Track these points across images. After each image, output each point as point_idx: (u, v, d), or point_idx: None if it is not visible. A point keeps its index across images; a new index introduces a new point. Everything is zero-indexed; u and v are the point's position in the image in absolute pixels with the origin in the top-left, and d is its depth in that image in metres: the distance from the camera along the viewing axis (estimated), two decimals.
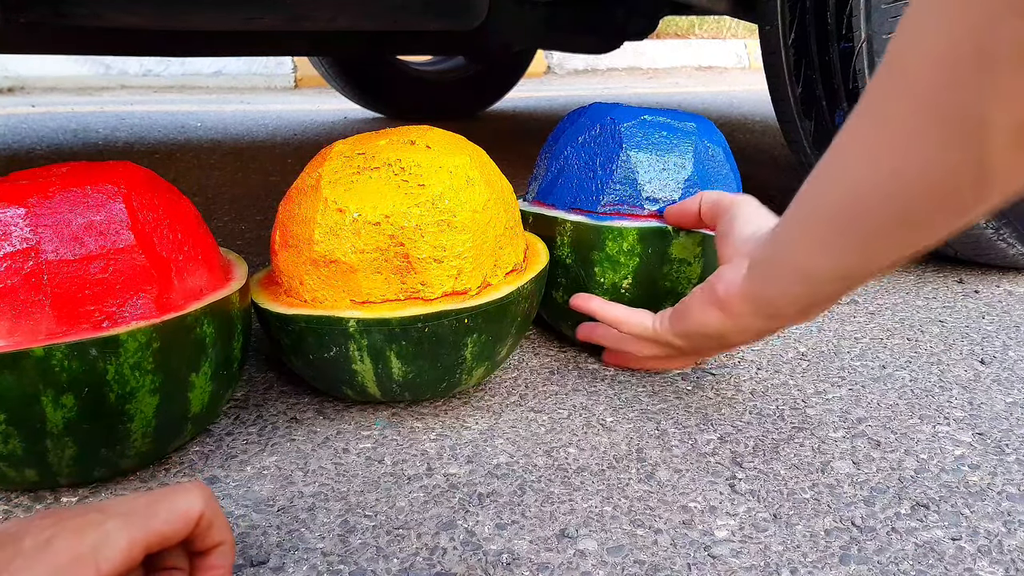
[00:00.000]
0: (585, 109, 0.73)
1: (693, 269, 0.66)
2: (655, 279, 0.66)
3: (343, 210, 0.54)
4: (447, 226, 0.54)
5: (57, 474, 0.48)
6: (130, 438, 0.49)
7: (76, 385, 0.45)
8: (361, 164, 0.56)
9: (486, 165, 0.60)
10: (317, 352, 0.56)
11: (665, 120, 0.68)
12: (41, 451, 0.46)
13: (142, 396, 0.47)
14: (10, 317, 0.44)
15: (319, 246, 0.54)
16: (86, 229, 0.46)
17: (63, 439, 0.46)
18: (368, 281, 0.54)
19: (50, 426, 0.45)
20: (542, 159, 0.75)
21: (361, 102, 2.30)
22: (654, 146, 0.67)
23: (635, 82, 3.85)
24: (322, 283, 0.55)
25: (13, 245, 0.44)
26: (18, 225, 0.45)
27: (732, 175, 0.70)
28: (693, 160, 0.67)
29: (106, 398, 0.46)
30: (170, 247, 0.50)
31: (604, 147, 0.68)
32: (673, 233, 0.65)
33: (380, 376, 0.56)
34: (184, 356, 0.49)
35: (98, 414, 0.46)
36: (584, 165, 0.68)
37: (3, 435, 0.45)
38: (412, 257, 0.54)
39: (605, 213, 0.67)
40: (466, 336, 0.56)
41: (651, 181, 0.66)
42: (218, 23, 1.04)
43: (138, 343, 0.46)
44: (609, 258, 0.66)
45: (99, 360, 0.45)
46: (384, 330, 0.54)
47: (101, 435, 0.47)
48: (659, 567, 0.44)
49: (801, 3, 0.93)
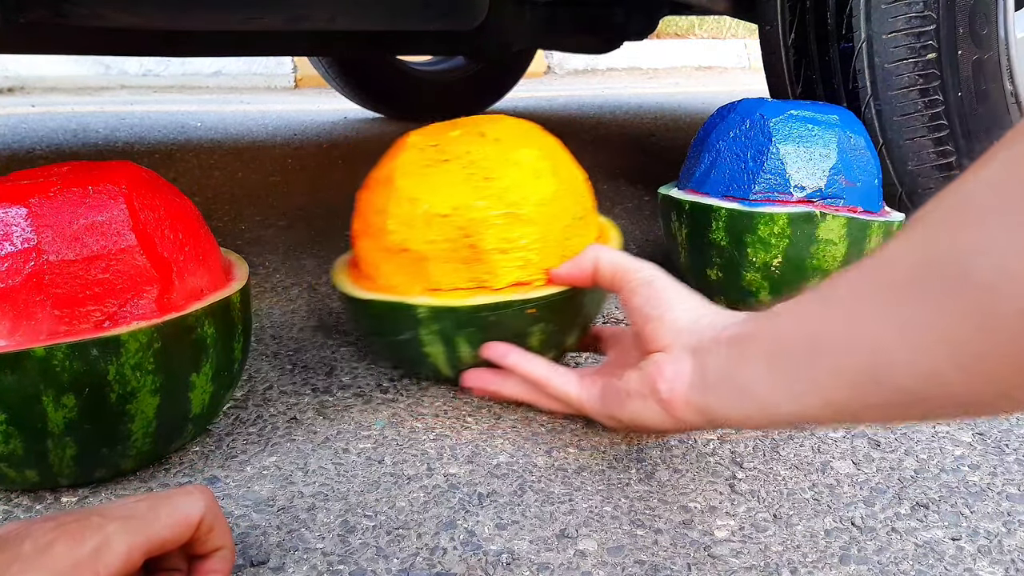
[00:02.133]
0: (734, 105, 0.80)
1: (839, 249, 0.73)
2: (803, 258, 0.73)
3: (415, 201, 0.56)
4: (513, 218, 0.56)
5: (58, 474, 0.48)
6: (131, 438, 0.49)
7: (77, 385, 0.45)
8: (433, 157, 0.58)
9: (556, 156, 0.61)
10: (392, 335, 0.59)
11: (810, 114, 0.75)
12: (42, 451, 0.46)
13: (143, 396, 0.47)
14: (11, 317, 0.44)
15: (393, 235, 0.57)
16: (87, 229, 0.46)
17: (64, 439, 0.46)
18: (438, 270, 0.57)
19: (51, 426, 0.45)
20: (694, 151, 0.82)
21: (361, 102, 2.30)
22: (800, 139, 0.74)
23: (635, 82, 3.85)
24: (396, 270, 0.58)
25: (15, 245, 0.44)
26: (19, 225, 0.45)
27: (873, 162, 0.76)
28: (837, 150, 0.74)
29: (107, 398, 0.46)
30: (171, 247, 0.50)
31: (754, 141, 0.75)
32: (820, 216, 0.72)
33: (451, 359, 0.59)
34: (185, 357, 0.49)
35: (99, 414, 0.46)
36: (736, 157, 0.76)
37: (4, 435, 0.45)
38: (479, 248, 0.56)
39: (757, 200, 0.74)
40: (532, 325, 0.57)
41: (799, 170, 0.73)
42: (218, 23, 1.04)
43: (139, 343, 0.46)
44: (761, 240, 0.73)
45: (100, 360, 0.45)
46: (453, 317, 0.56)
47: (102, 435, 0.47)
48: (659, 567, 0.44)
49: (801, 3, 0.93)
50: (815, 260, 0.73)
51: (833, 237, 0.72)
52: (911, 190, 0.87)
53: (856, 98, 0.87)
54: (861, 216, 0.73)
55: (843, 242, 0.73)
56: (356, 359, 0.71)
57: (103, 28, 1.27)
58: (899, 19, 0.82)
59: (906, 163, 0.86)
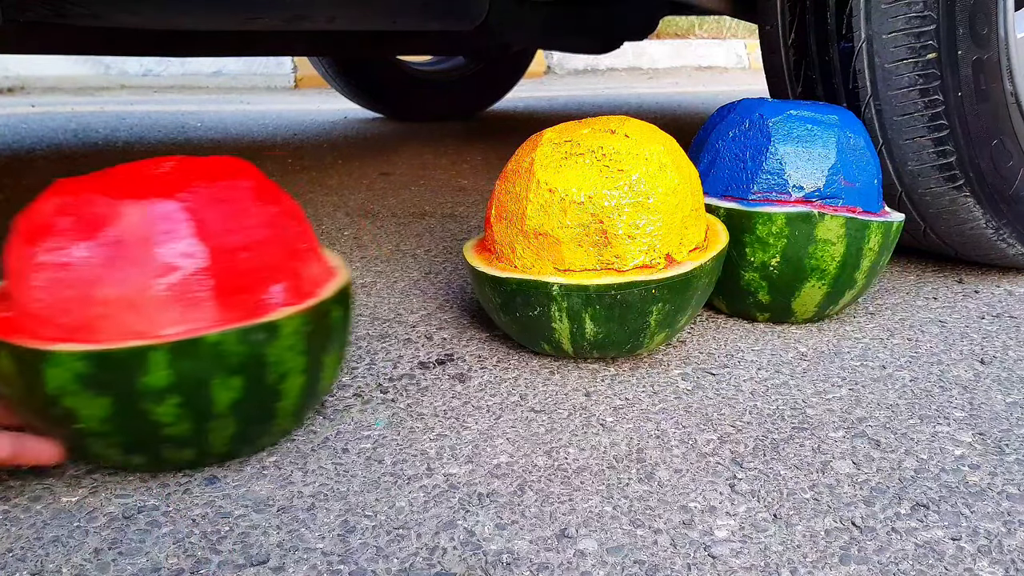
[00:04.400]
0: (734, 105, 0.80)
1: (837, 248, 0.73)
2: (801, 258, 0.73)
3: (553, 190, 0.63)
4: (642, 207, 0.62)
5: (213, 453, 0.52)
6: (278, 416, 0.52)
7: (243, 368, 0.48)
8: (568, 150, 0.64)
9: (677, 153, 0.67)
10: (523, 311, 0.65)
11: (810, 114, 0.76)
12: (205, 431, 0.49)
13: (293, 376, 0.51)
14: (181, 306, 0.46)
15: (531, 220, 0.64)
16: (242, 222, 0.49)
17: (227, 419, 0.49)
18: (570, 252, 0.63)
19: (217, 407, 0.48)
20: (693, 151, 0.83)
21: (361, 102, 2.30)
22: (800, 139, 0.74)
23: (635, 82, 3.85)
24: (531, 252, 0.65)
25: (177, 238, 0.47)
26: (181, 220, 0.47)
27: (873, 162, 0.77)
28: (836, 150, 0.74)
29: (265, 379, 0.49)
30: (295, 238, 0.53)
31: (753, 141, 0.76)
32: (818, 216, 0.72)
33: (575, 335, 0.65)
34: (322, 338, 0.53)
35: (258, 394, 0.50)
36: (735, 157, 0.77)
37: (176, 417, 0.47)
38: (610, 233, 0.62)
39: (755, 200, 0.75)
40: (652, 304, 0.63)
41: (798, 170, 0.74)
42: (218, 23, 1.04)
43: (292, 327, 0.50)
44: (759, 240, 0.74)
45: (263, 344, 0.48)
46: (582, 295, 0.62)
47: (258, 414, 0.51)
48: (659, 567, 0.44)
49: (801, 3, 0.93)
50: (813, 260, 0.73)
51: (831, 237, 0.73)
52: (911, 190, 0.87)
53: (856, 98, 0.87)
54: (860, 216, 0.73)
55: (841, 242, 0.73)
56: (356, 359, 0.71)
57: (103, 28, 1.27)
58: (899, 19, 0.82)
59: (906, 163, 0.86)
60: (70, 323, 0.46)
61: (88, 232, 0.46)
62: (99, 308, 0.45)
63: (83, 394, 0.45)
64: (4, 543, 0.46)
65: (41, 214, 0.47)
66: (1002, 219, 0.87)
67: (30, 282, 0.46)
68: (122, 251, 0.46)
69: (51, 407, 0.46)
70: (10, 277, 0.48)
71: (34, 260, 0.46)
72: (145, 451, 0.49)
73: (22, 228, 0.48)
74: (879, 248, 0.75)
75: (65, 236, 0.46)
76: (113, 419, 0.47)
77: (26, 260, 0.47)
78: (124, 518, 0.48)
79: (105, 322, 0.45)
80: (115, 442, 0.48)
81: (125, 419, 0.47)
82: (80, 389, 0.45)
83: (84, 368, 0.45)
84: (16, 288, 0.48)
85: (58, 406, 0.46)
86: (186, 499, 0.50)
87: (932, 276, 0.97)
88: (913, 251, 1.03)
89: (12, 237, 0.49)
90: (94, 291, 0.45)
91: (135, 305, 0.45)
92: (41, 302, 0.46)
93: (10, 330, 0.47)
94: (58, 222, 0.46)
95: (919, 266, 1.01)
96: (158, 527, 0.47)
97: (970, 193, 0.85)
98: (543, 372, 0.69)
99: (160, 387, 0.46)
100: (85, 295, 0.45)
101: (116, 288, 0.45)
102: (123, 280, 0.45)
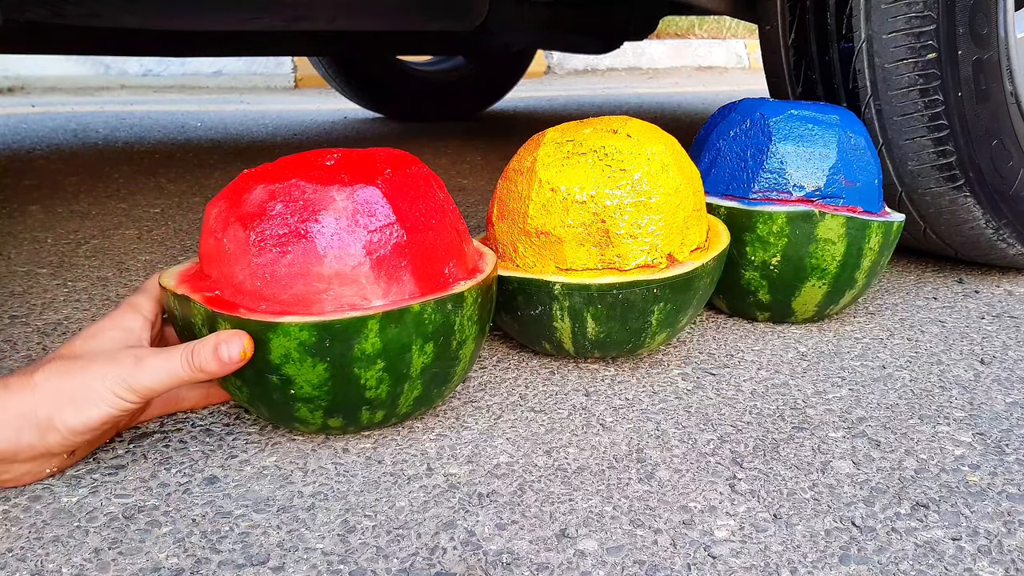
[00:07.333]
0: (735, 105, 0.81)
1: (837, 248, 0.73)
2: (802, 257, 0.74)
3: (555, 189, 0.63)
4: (644, 207, 0.62)
5: (400, 415, 0.56)
6: (451, 380, 0.57)
7: (436, 335, 0.53)
8: (571, 150, 0.64)
9: (679, 153, 0.67)
10: (524, 309, 0.65)
11: (810, 114, 0.76)
12: (398, 393, 0.54)
13: (469, 343, 0.56)
14: (385, 280, 0.51)
15: (533, 220, 0.64)
16: (423, 205, 0.54)
17: (416, 382, 0.54)
18: (572, 251, 0.63)
19: (412, 370, 0.53)
20: (694, 150, 0.83)
21: (361, 102, 2.30)
22: (801, 138, 0.74)
23: (635, 82, 3.85)
24: (533, 251, 0.65)
25: (380, 220, 0.51)
26: (380, 203, 0.52)
27: (873, 162, 0.77)
28: (836, 149, 0.74)
29: (451, 345, 0.54)
30: (457, 220, 0.58)
31: (754, 140, 0.76)
32: (819, 216, 0.72)
33: (576, 334, 0.65)
34: (486, 311, 0.58)
35: (444, 359, 0.54)
36: (736, 156, 0.77)
37: (378, 380, 0.52)
38: (612, 232, 0.62)
39: (756, 199, 0.75)
40: (653, 304, 0.63)
41: (799, 169, 0.74)
42: (218, 23, 1.04)
43: (472, 298, 0.55)
44: (760, 239, 0.74)
45: (452, 313, 0.53)
46: (584, 294, 0.62)
47: (440, 377, 0.55)
48: (659, 567, 0.44)
49: (801, 3, 0.93)
50: (814, 259, 0.74)
51: (832, 236, 0.73)
52: (911, 190, 0.87)
53: (856, 98, 0.87)
54: (860, 216, 0.73)
55: (842, 241, 0.73)
56: None
57: (103, 28, 1.27)
58: (899, 19, 0.82)
59: (906, 163, 0.86)
60: (289, 298, 0.50)
61: (304, 216, 0.50)
62: (318, 283, 0.50)
63: (305, 362, 0.50)
64: (4, 543, 0.46)
65: (251, 201, 0.51)
66: (1002, 219, 0.87)
67: (247, 262, 0.50)
68: (337, 232, 0.50)
69: (270, 374, 0.50)
70: (212, 259, 0.52)
71: (251, 242, 0.50)
72: (345, 413, 0.53)
73: (229, 214, 0.52)
74: (879, 248, 0.75)
75: (281, 219, 0.50)
76: (326, 383, 0.51)
77: (240, 243, 0.51)
78: (124, 518, 0.48)
79: (323, 296, 0.50)
80: (321, 405, 0.52)
81: (337, 384, 0.51)
82: (302, 356, 0.50)
83: (308, 337, 0.49)
84: (225, 268, 0.51)
85: (280, 373, 0.50)
86: (186, 499, 0.50)
87: (932, 276, 0.97)
88: (913, 251, 1.03)
89: (210, 223, 0.53)
90: (314, 268, 0.50)
91: (350, 280, 0.50)
92: (262, 279, 0.50)
93: (224, 306, 0.51)
94: (270, 207, 0.51)
95: (919, 266, 1.01)
96: (158, 527, 0.47)
97: (970, 193, 0.85)
98: (543, 372, 0.69)
99: (371, 353, 0.51)
100: (306, 272, 0.50)
101: (334, 265, 0.50)
102: (339, 258, 0.50)
